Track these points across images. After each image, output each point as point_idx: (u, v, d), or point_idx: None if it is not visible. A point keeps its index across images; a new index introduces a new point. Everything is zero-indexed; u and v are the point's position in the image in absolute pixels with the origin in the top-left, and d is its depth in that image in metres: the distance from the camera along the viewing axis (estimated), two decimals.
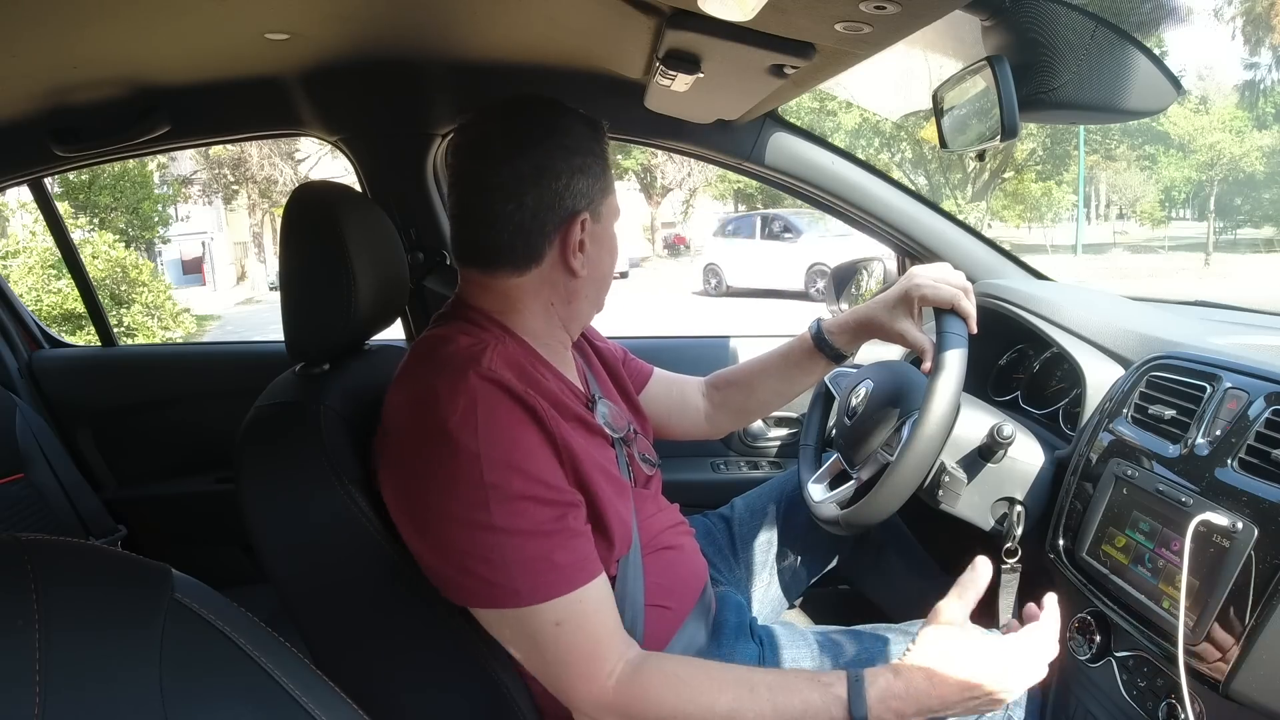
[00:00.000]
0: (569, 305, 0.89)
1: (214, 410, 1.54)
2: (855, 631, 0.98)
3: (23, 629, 0.42)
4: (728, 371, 1.21)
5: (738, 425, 1.32)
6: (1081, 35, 0.83)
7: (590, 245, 0.86)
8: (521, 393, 0.77)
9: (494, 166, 0.83)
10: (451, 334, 0.83)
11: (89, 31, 1.02)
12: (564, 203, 0.83)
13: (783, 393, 1.16)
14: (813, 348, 1.10)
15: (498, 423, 0.74)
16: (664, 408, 1.18)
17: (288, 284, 0.91)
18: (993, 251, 1.50)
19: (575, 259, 0.85)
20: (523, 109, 0.86)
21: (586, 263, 0.86)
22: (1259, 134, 16.44)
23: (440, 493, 0.74)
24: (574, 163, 0.83)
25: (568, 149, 0.83)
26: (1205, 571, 0.75)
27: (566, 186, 0.83)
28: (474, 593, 0.75)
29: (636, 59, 1.12)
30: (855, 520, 0.99)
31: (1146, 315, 1.17)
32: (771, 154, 1.44)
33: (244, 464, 0.83)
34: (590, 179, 0.85)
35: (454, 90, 1.38)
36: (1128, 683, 0.88)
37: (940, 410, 0.90)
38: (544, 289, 0.87)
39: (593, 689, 0.75)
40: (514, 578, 0.73)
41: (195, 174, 17.65)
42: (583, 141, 0.85)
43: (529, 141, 0.83)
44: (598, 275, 0.89)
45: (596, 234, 0.87)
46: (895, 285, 1.04)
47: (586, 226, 0.85)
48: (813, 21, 0.73)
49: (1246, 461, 0.78)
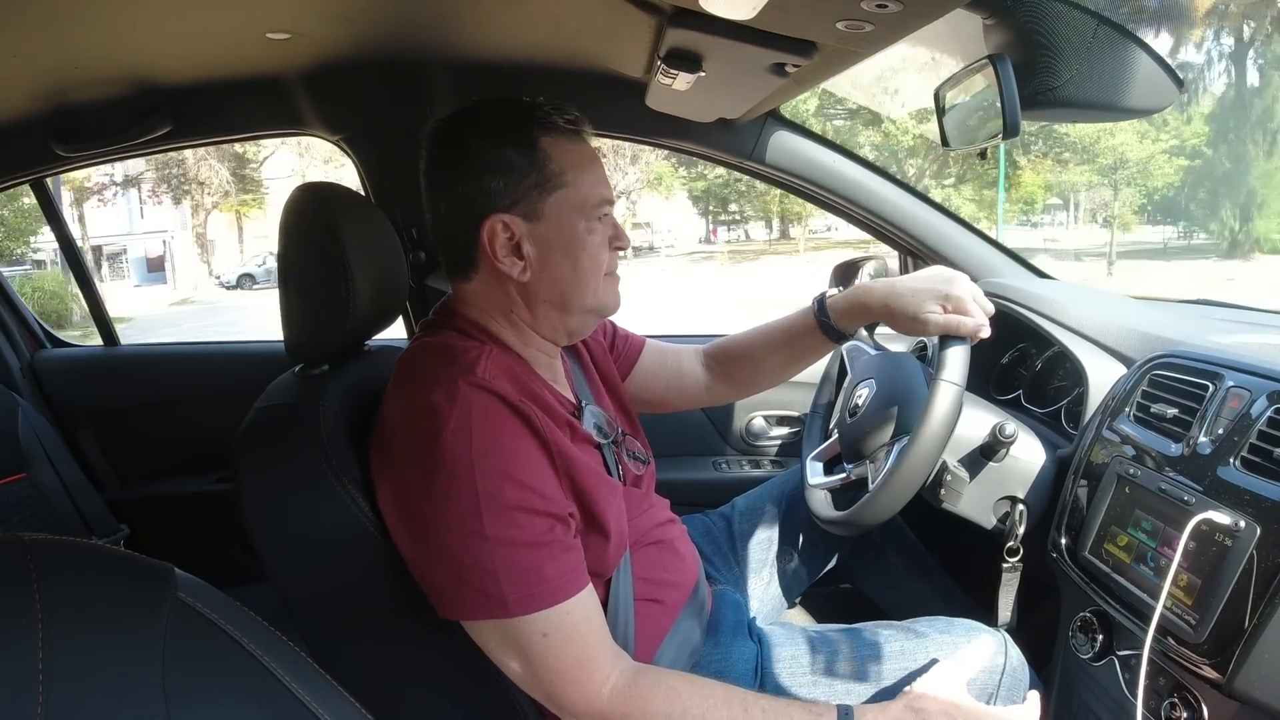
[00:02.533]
0: (531, 313, 0.85)
1: (215, 410, 1.54)
2: (855, 630, 0.98)
3: (25, 628, 0.42)
4: (730, 343, 1.16)
5: (740, 396, 1.26)
6: (1083, 33, 0.82)
7: (530, 248, 0.81)
8: (516, 401, 0.76)
9: (423, 176, 0.84)
10: (443, 342, 0.83)
11: (91, 31, 1.02)
12: (475, 204, 0.80)
13: (787, 368, 1.12)
14: (815, 327, 1.04)
15: (492, 432, 0.74)
16: (660, 381, 1.15)
17: (287, 285, 0.91)
18: (995, 250, 1.50)
19: (503, 264, 0.81)
20: (457, 112, 0.84)
21: (529, 267, 0.82)
22: (1166, 137, 15.94)
23: (434, 501, 0.74)
24: (484, 159, 0.79)
25: (476, 147, 0.80)
26: (1207, 570, 0.75)
27: (477, 188, 0.80)
28: (464, 603, 0.75)
29: (638, 58, 1.12)
30: (855, 521, 0.99)
31: (1148, 314, 1.17)
32: (773, 153, 1.44)
33: (243, 465, 0.83)
34: (509, 176, 0.80)
35: (455, 90, 1.38)
36: (1130, 681, 0.88)
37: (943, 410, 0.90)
38: (494, 296, 0.85)
39: (588, 696, 0.75)
40: (503, 588, 0.73)
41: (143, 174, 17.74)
42: (499, 135, 0.80)
43: (442, 146, 0.82)
44: (552, 278, 0.83)
45: (538, 234, 0.81)
46: (925, 280, 0.95)
47: (516, 228, 0.81)
48: (814, 20, 0.73)
49: (1249, 460, 0.78)
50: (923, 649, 0.93)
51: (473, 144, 0.81)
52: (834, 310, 1.02)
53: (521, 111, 0.82)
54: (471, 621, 0.77)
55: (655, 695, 0.76)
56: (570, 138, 0.84)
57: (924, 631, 0.95)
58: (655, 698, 0.75)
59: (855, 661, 0.93)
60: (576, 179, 0.82)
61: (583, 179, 0.83)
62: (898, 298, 0.95)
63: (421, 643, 0.83)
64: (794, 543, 1.21)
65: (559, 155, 0.82)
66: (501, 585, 0.73)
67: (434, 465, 0.73)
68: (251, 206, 20.63)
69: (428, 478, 0.74)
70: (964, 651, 0.92)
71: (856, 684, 0.91)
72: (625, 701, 0.75)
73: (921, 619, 0.98)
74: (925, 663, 0.91)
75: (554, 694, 0.76)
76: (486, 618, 0.75)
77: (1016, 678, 0.93)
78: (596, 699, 0.75)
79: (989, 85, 0.88)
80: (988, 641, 0.94)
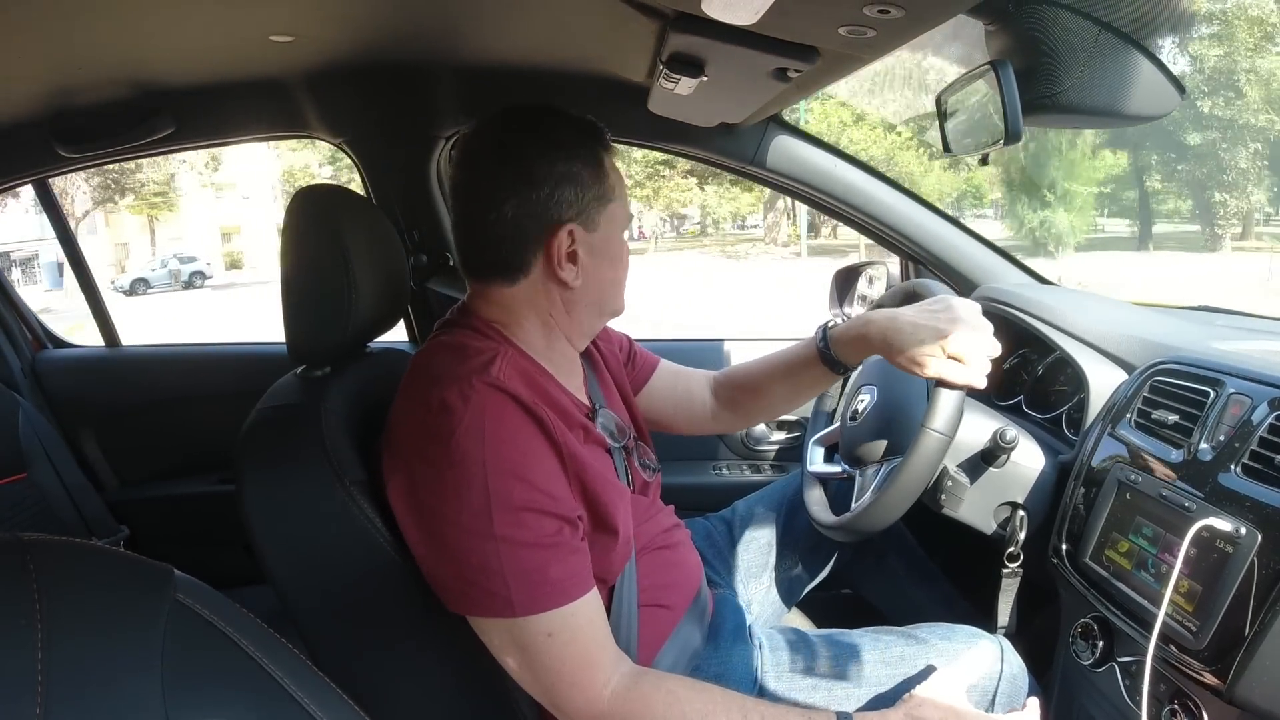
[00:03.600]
0: (569, 316, 0.88)
1: (216, 411, 1.54)
2: (855, 635, 0.98)
3: (25, 629, 0.42)
4: (738, 372, 1.17)
5: (744, 426, 1.29)
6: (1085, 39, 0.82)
7: (585, 255, 0.84)
8: (529, 403, 0.77)
9: (479, 177, 0.84)
10: (459, 342, 0.84)
11: (94, 32, 1.03)
12: (547, 212, 0.82)
13: (791, 400, 1.13)
14: (817, 359, 1.03)
15: (504, 431, 0.75)
16: (669, 403, 1.16)
17: (289, 286, 0.91)
18: (996, 255, 1.50)
19: (563, 270, 0.84)
20: (512, 117, 0.85)
21: (581, 273, 0.85)
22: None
23: (444, 498, 0.74)
24: (558, 170, 0.82)
25: (551, 157, 0.82)
26: (1208, 577, 0.75)
27: (550, 195, 0.82)
28: (471, 600, 0.76)
29: (640, 62, 1.12)
30: (856, 527, 0.99)
31: (1149, 320, 1.17)
32: (775, 158, 1.44)
33: (244, 466, 0.83)
34: (578, 187, 0.83)
35: (458, 93, 1.39)
36: (1131, 688, 0.88)
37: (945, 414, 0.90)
38: (537, 299, 0.86)
39: (589, 697, 0.75)
40: (509, 587, 0.74)
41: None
42: (571, 148, 0.83)
43: (512, 150, 0.83)
44: (597, 285, 0.87)
45: (592, 244, 0.85)
46: (928, 315, 0.92)
47: (577, 236, 0.83)
48: (816, 25, 0.73)
49: (1250, 467, 0.78)
50: (923, 655, 0.93)
51: (548, 154, 0.83)
52: (835, 342, 1.02)
53: (590, 129, 0.87)
54: (476, 619, 0.77)
55: (655, 699, 0.76)
56: (615, 155, 0.89)
57: (924, 637, 0.95)
58: (655, 702, 0.76)
59: (855, 667, 0.93)
60: (622, 193, 0.89)
61: (622, 194, 0.89)
62: (897, 333, 0.92)
63: (421, 645, 0.83)
64: (794, 547, 1.21)
65: (612, 171, 0.88)
66: (508, 584, 0.73)
67: (445, 463, 0.74)
68: (161, 209, 20.44)
69: (439, 475, 0.75)
70: (964, 658, 0.91)
71: (856, 689, 0.91)
72: (625, 704, 0.76)
73: (922, 625, 0.98)
74: (925, 669, 0.91)
75: (555, 695, 0.76)
76: (491, 616, 0.75)
77: (1016, 684, 0.93)
78: (597, 701, 0.75)
79: (991, 91, 0.88)
80: (988, 648, 0.94)
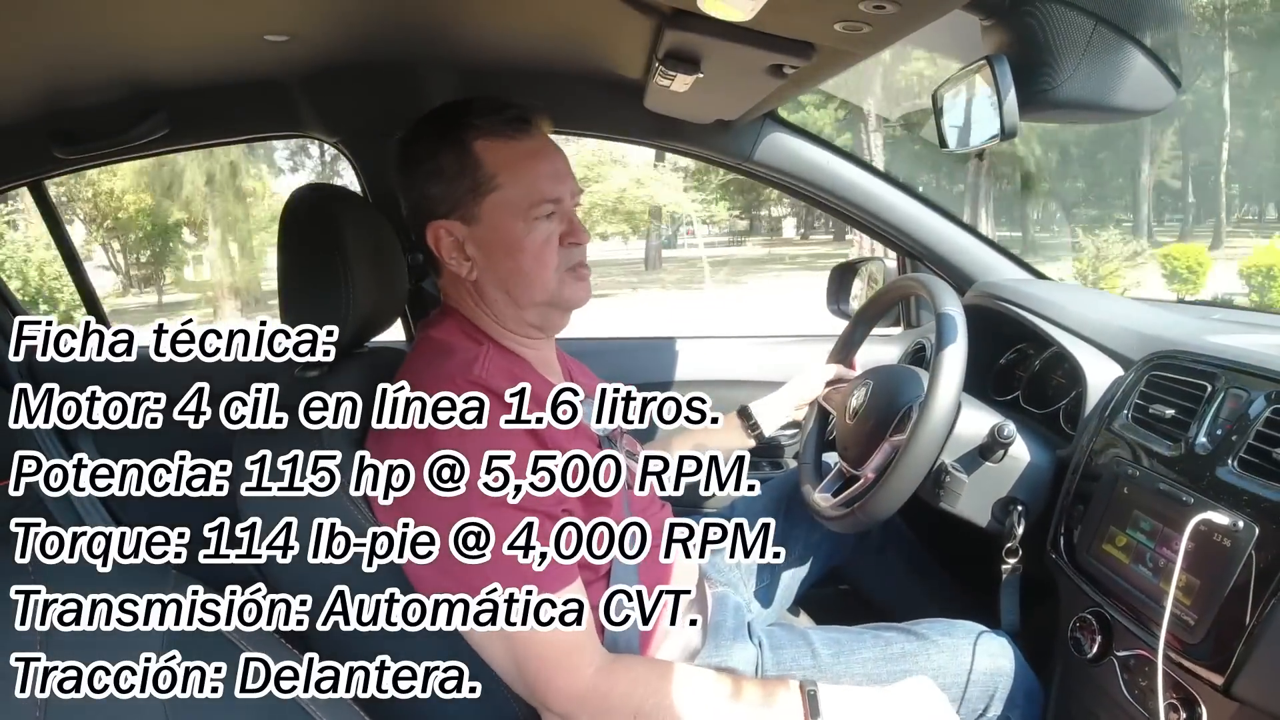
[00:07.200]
0: (490, 307, 0.89)
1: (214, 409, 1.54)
2: (855, 632, 0.98)
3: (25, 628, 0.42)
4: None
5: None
6: (1081, 34, 0.82)
7: (473, 249, 0.85)
8: (511, 397, 0.79)
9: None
10: (445, 339, 0.87)
11: (89, 33, 1.02)
12: (421, 211, 0.86)
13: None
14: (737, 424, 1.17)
15: (488, 426, 0.76)
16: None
17: (286, 286, 0.91)
18: (993, 251, 1.50)
19: (455, 265, 0.86)
20: (413, 122, 0.88)
21: (475, 267, 0.86)
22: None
23: (426, 492, 0.76)
24: (423, 168, 0.84)
25: (415, 158, 0.85)
26: (1206, 571, 0.75)
27: (422, 194, 0.85)
28: (449, 589, 0.77)
29: (636, 59, 1.12)
30: (860, 516, 0.99)
31: (1146, 314, 1.17)
32: (771, 154, 1.44)
33: (242, 466, 0.83)
34: (444, 183, 0.84)
35: (454, 91, 1.38)
36: (1129, 682, 0.88)
37: (943, 402, 0.91)
38: (459, 293, 0.90)
39: (573, 681, 0.76)
40: (490, 580, 0.75)
41: None
42: (432, 143, 0.85)
43: (398, 154, 0.87)
44: (496, 276, 0.87)
45: (479, 236, 0.85)
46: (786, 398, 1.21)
47: (455, 231, 0.85)
48: (812, 21, 0.73)
49: (1247, 460, 0.78)
50: (924, 651, 0.93)
51: (415, 152, 0.85)
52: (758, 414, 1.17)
53: (452, 117, 0.85)
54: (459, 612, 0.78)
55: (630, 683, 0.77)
56: (508, 138, 0.85)
57: (925, 633, 0.95)
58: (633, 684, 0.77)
59: (856, 663, 0.93)
60: (511, 180, 0.84)
61: (519, 179, 0.84)
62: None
63: (419, 642, 0.83)
64: (794, 544, 1.21)
65: (492, 158, 0.84)
66: (490, 577, 0.74)
67: (428, 457, 0.75)
68: None
69: (421, 468, 0.76)
70: (965, 653, 0.92)
71: (856, 686, 0.91)
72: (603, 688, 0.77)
73: (922, 621, 0.98)
74: (926, 665, 0.91)
75: (534, 683, 0.77)
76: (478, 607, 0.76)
77: (1016, 679, 0.93)
78: (579, 682, 0.76)
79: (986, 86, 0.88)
80: (988, 643, 0.94)
